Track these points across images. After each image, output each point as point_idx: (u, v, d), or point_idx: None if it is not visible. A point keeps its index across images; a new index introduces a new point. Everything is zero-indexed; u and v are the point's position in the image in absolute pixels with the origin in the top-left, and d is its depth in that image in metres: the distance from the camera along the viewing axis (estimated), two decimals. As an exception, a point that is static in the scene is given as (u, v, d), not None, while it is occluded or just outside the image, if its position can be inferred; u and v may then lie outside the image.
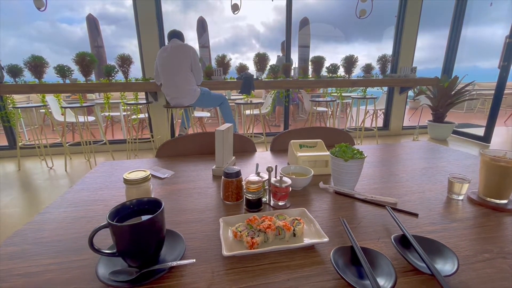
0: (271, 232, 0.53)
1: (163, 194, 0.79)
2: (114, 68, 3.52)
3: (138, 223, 0.43)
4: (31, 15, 6.92)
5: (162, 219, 0.48)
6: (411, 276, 0.46)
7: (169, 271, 0.47)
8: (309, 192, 0.79)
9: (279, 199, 0.70)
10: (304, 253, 0.52)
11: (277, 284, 0.44)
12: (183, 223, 0.63)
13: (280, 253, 0.52)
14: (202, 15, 6.03)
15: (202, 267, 0.48)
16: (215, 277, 0.46)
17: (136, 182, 0.68)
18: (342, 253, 0.49)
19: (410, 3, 4.11)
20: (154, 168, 0.99)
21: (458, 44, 4.45)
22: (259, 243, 0.52)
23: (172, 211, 0.69)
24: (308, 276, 0.46)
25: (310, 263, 0.49)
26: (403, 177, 0.90)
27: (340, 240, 0.56)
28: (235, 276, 0.46)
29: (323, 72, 4.00)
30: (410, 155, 1.14)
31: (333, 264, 0.44)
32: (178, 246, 0.51)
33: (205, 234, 0.58)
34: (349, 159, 0.74)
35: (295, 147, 0.97)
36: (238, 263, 0.49)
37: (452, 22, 4.41)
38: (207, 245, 0.55)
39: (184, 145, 1.20)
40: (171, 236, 0.54)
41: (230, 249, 0.51)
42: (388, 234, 0.58)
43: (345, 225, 0.57)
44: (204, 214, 0.67)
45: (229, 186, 0.72)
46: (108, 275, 0.44)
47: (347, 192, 0.77)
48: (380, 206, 0.71)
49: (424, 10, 4.19)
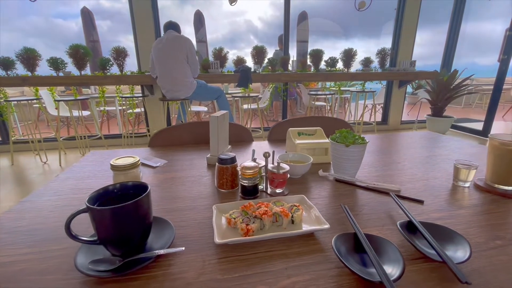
0: (268, 218, 0.49)
1: (154, 183, 0.74)
2: (109, 61, 3.44)
3: (121, 206, 0.39)
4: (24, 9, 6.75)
5: (148, 203, 0.43)
6: (420, 263, 0.42)
7: (156, 260, 0.43)
8: (308, 180, 0.75)
9: (277, 186, 0.66)
10: (303, 241, 0.48)
11: (273, 273, 0.40)
12: (173, 211, 0.59)
13: (277, 241, 0.48)
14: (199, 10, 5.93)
15: (192, 255, 0.45)
16: (206, 266, 0.42)
17: (124, 168, 0.63)
18: (344, 240, 0.45)
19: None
20: (146, 157, 0.95)
21: (457, 40, 4.41)
22: (255, 230, 0.48)
23: (163, 199, 0.65)
24: (307, 264, 0.42)
25: (309, 251, 0.46)
26: (405, 165, 0.86)
27: (342, 228, 0.52)
28: (228, 265, 0.42)
29: (322, 66, 3.95)
30: (411, 144, 1.11)
31: (335, 251, 0.41)
32: (166, 234, 0.47)
33: (197, 222, 0.54)
34: (351, 144, 0.70)
35: (294, 135, 0.93)
36: (231, 251, 0.45)
37: (452, 18, 4.37)
38: (198, 233, 0.51)
39: (178, 135, 1.15)
40: (159, 223, 0.50)
41: (223, 236, 0.47)
42: (392, 222, 0.54)
43: (347, 212, 0.53)
44: (197, 202, 0.63)
45: (224, 173, 0.68)
46: (88, 264, 0.40)
47: (348, 180, 0.73)
48: (383, 193, 0.67)
49: (423, 6, 4.14)
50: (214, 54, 3.65)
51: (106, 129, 4.80)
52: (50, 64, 3.34)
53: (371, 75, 3.83)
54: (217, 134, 0.86)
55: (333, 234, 0.48)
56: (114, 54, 3.46)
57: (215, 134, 0.86)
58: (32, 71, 3.23)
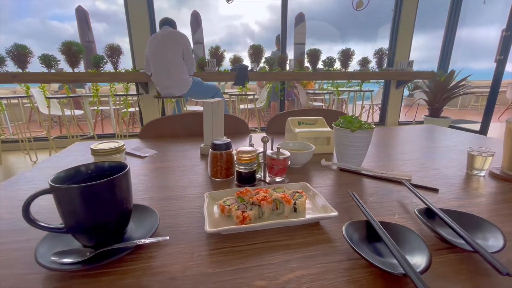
0: (267, 205, 0.43)
1: (141, 172, 0.68)
2: (103, 59, 3.37)
3: (92, 184, 0.32)
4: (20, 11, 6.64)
5: (127, 185, 0.37)
6: (445, 254, 0.36)
7: (135, 252, 0.36)
8: (309, 170, 0.69)
9: (276, 174, 0.60)
10: (307, 231, 0.42)
11: (274, 266, 0.34)
12: (160, 200, 0.52)
13: (277, 230, 0.42)
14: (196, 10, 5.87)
15: (179, 247, 0.38)
16: (194, 259, 0.35)
17: (105, 152, 0.57)
18: (355, 228, 0.39)
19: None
20: (135, 148, 0.88)
21: (452, 44, 4.43)
22: (252, 218, 0.42)
23: (149, 188, 0.58)
24: (314, 256, 0.36)
25: (315, 241, 0.39)
26: (413, 155, 0.81)
27: (351, 217, 0.46)
28: (220, 257, 0.36)
29: (319, 66, 3.92)
30: (416, 136, 1.05)
31: (348, 241, 0.34)
32: (149, 223, 0.41)
33: (186, 211, 0.48)
34: (357, 129, 0.64)
35: (293, 124, 0.87)
36: (225, 242, 0.39)
37: (447, 23, 4.39)
38: (187, 223, 0.44)
39: (170, 126, 1.09)
40: (141, 211, 0.44)
41: (216, 225, 0.41)
42: (406, 210, 0.48)
43: (356, 198, 0.47)
44: (187, 191, 0.56)
45: (218, 160, 0.61)
46: (51, 256, 0.33)
47: (353, 169, 0.67)
48: (393, 182, 0.61)
49: (419, 11, 4.15)
50: (210, 53, 3.59)
51: (100, 129, 4.70)
52: (42, 61, 3.26)
53: (369, 75, 3.81)
54: (211, 121, 0.80)
55: (341, 223, 0.42)
56: (108, 52, 3.38)
57: (209, 122, 0.80)
58: (23, 68, 3.14)
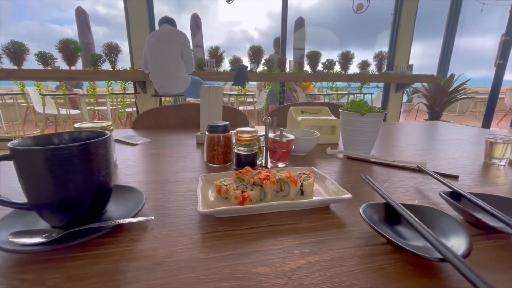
0: (270, 185, 0.37)
1: (131, 159, 0.62)
2: (101, 57, 3.32)
3: (61, 147, 0.27)
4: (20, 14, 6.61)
5: (106, 155, 0.31)
6: (482, 240, 0.30)
7: (113, 234, 0.31)
8: (314, 158, 0.64)
9: (279, 159, 0.54)
10: (316, 215, 0.36)
11: (280, 252, 0.28)
12: (149, 183, 0.47)
13: (282, 214, 0.36)
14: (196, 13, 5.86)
15: (166, 229, 0.32)
16: (184, 243, 0.30)
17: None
18: (373, 212, 0.33)
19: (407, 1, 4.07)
20: (126, 136, 0.82)
21: (451, 53, 4.45)
22: (253, 200, 0.36)
23: (138, 173, 0.52)
24: (327, 241, 0.30)
25: (326, 226, 0.34)
26: (424, 146, 0.75)
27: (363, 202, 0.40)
28: (215, 241, 0.30)
29: (319, 68, 3.90)
30: (423, 130, 1.01)
31: (369, 223, 0.29)
32: (132, 203, 0.35)
33: (177, 195, 0.42)
34: (366, 112, 0.59)
35: (296, 113, 0.82)
36: (221, 225, 0.33)
37: (446, 31, 4.41)
38: (178, 206, 0.38)
39: (166, 117, 1.03)
40: (124, 192, 0.38)
41: (211, 207, 0.35)
42: (425, 196, 0.43)
43: (371, 181, 0.42)
44: (179, 176, 0.51)
45: (215, 144, 0.56)
46: (8, 236, 0.27)
47: (362, 157, 0.62)
48: (406, 169, 0.56)
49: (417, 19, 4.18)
50: (210, 53, 3.56)
51: (96, 129, 4.61)
52: (38, 59, 3.21)
53: (369, 77, 3.79)
54: (208, 107, 0.74)
55: (354, 207, 0.37)
56: (106, 50, 3.34)
57: (207, 108, 0.75)
58: (19, 66, 3.09)
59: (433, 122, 1.21)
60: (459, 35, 4.40)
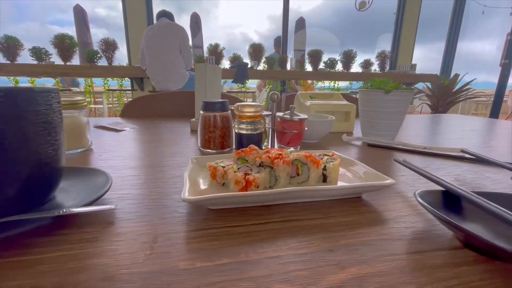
0: (283, 167, 0.27)
1: (110, 143, 0.52)
2: (97, 53, 3.23)
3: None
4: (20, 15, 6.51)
5: (49, 118, 0.21)
6: None
7: (58, 230, 0.21)
8: (327, 145, 0.54)
9: (289, 143, 0.44)
10: (348, 207, 0.26)
11: (306, 259, 0.18)
12: (124, 169, 0.37)
13: (300, 206, 0.26)
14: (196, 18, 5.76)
15: (136, 225, 0.22)
16: (158, 245, 0.20)
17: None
18: (430, 202, 0.23)
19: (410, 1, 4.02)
20: (111, 122, 0.72)
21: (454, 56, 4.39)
22: (260, 185, 0.26)
23: (113, 157, 0.42)
24: (371, 242, 0.20)
25: (364, 221, 0.24)
26: (451, 136, 0.66)
27: (403, 191, 0.31)
28: (205, 243, 0.20)
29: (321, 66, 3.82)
30: (447, 121, 0.91)
31: (446, 218, 0.19)
32: (92, 189, 0.25)
33: (160, 181, 0.32)
34: (393, 89, 0.49)
35: (305, 98, 0.72)
36: (216, 220, 0.23)
37: (448, 34, 4.35)
38: (157, 193, 0.28)
39: (159, 105, 0.93)
40: (86, 175, 0.28)
41: (201, 194, 0.25)
42: (482, 186, 0.33)
43: (412, 165, 0.32)
44: (165, 161, 0.41)
45: (211, 125, 0.46)
46: None
47: (385, 144, 0.52)
48: (443, 157, 0.46)
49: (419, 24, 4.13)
50: (209, 51, 3.48)
51: (92, 128, 4.51)
52: (32, 54, 3.12)
53: (372, 76, 3.71)
54: (204, 88, 0.64)
55: (392, 198, 0.27)
56: (103, 46, 3.26)
57: (203, 88, 0.65)
58: (12, 61, 2.99)
59: (450, 115, 1.11)
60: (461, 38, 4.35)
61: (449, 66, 4.44)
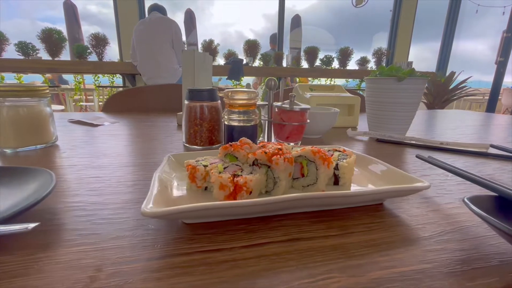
0: (285, 165, 0.21)
1: (81, 139, 0.45)
2: (87, 49, 3.12)
3: None
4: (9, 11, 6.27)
5: None
6: None
7: None
8: (331, 141, 0.48)
9: (288, 137, 0.38)
10: (368, 218, 0.20)
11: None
12: (88, 168, 0.30)
13: (309, 215, 0.20)
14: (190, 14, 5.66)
15: (74, 252, 0.15)
16: (104, 280, 0.13)
17: (6, 92, 0.34)
18: (487, 209, 0.17)
19: (406, 0, 3.99)
20: (89, 117, 0.65)
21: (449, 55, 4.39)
22: (254, 190, 0.19)
23: (80, 155, 0.35)
24: (410, 276, 0.14)
25: (396, 240, 0.17)
26: (465, 131, 0.60)
27: (439, 194, 0.24)
28: (176, 276, 0.13)
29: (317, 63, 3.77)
30: (459, 116, 0.86)
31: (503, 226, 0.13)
32: (20, 198, 0.18)
33: (125, 185, 0.25)
34: (406, 76, 0.43)
35: (303, 90, 0.66)
36: (193, 240, 0.17)
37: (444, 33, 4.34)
38: (117, 204, 0.22)
39: (146, 99, 0.86)
40: (21, 177, 0.21)
41: (174, 204, 0.18)
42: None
43: (446, 164, 0.26)
44: (141, 159, 0.34)
45: (196, 117, 0.39)
46: None
47: (395, 139, 0.46)
48: (462, 153, 0.40)
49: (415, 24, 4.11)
50: (203, 47, 3.40)
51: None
52: (18, 49, 3.00)
53: (368, 72, 3.67)
54: (192, 77, 0.57)
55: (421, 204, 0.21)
56: (93, 42, 3.15)
57: (190, 77, 0.58)
58: (-4, 56, 2.87)
59: (456, 110, 1.06)
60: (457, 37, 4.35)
61: (444, 64, 4.44)
